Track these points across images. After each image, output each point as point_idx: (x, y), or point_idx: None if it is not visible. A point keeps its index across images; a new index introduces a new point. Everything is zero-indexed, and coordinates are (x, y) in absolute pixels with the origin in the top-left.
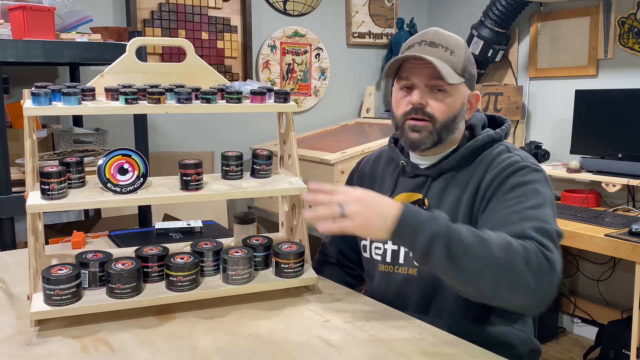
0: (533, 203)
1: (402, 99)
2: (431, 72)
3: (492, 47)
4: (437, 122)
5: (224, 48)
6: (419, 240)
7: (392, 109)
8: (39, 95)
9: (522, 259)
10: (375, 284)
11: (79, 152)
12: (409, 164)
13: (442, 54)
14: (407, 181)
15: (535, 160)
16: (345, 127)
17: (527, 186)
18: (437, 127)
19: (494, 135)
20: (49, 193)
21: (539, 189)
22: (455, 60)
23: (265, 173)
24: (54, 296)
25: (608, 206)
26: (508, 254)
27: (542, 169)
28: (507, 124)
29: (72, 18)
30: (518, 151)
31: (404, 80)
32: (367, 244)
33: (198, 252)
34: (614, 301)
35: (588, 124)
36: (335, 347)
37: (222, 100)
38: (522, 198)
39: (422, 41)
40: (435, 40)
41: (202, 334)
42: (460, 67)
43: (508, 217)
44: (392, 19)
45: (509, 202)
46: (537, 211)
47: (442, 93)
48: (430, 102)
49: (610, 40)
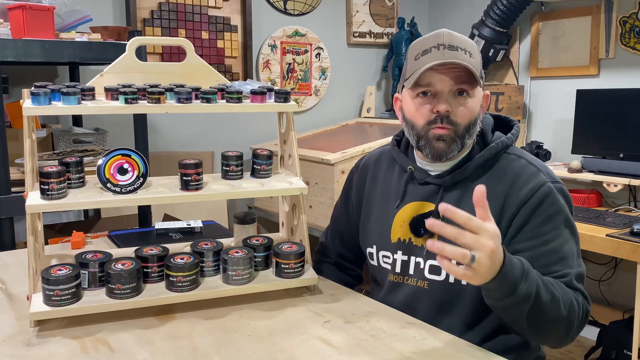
0: (566, 236)
1: (421, 106)
2: (455, 76)
3: (493, 47)
4: (460, 127)
5: (224, 47)
6: (510, 299)
7: (409, 118)
8: (39, 95)
9: (576, 316)
10: (384, 294)
11: (79, 152)
12: (417, 170)
13: (464, 57)
14: (416, 189)
15: (552, 171)
16: (346, 127)
17: (560, 215)
18: (460, 132)
19: (507, 142)
20: (48, 193)
21: (567, 217)
22: (475, 62)
23: (266, 173)
24: (53, 296)
25: (609, 206)
26: (569, 314)
27: (562, 183)
28: (516, 126)
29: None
30: (536, 162)
31: (423, 87)
32: (373, 251)
33: (198, 252)
34: (616, 301)
35: (589, 123)
36: (335, 348)
37: (222, 100)
38: (557, 231)
39: (440, 45)
40: (453, 43)
41: (202, 334)
42: (479, 69)
43: (549, 257)
44: (392, 18)
45: (545, 237)
46: (571, 247)
47: (464, 97)
48: (454, 109)
49: (612, 40)
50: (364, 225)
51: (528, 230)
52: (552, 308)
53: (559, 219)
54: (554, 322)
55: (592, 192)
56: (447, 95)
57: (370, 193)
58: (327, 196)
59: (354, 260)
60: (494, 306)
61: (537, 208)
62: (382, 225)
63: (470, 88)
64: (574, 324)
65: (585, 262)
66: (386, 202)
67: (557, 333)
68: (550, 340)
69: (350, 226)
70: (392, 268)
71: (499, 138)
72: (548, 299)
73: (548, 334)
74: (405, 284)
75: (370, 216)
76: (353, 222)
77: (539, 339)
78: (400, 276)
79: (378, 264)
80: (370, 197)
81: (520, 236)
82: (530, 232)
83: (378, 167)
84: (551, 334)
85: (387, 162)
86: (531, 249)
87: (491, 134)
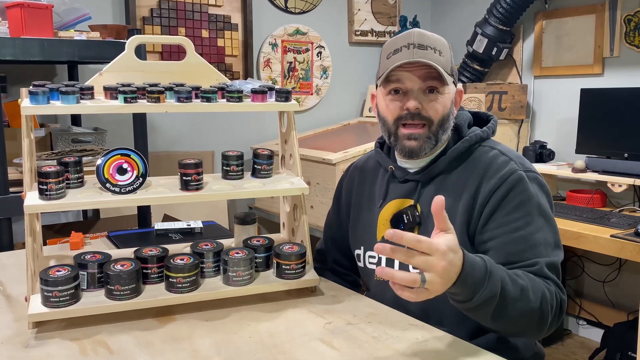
0: (539, 224)
1: (392, 103)
2: (424, 74)
3: (496, 45)
4: (433, 124)
5: (225, 46)
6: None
7: (382, 115)
8: (37, 94)
9: (549, 306)
10: (372, 295)
11: (78, 152)
12: (398, 169)
13: (432, 56)
14: (397, 187)
15: (527, 161)
16: (347, 127)
17: (531, 203)
18: (433, 129)
19: (481, 134)
20: (47, 193)
21: (540, 204)
22: (444, 60)
23: (266, 173)
24: (52, 298)
25: (614, 206)
26: (542, 304)
27: (537, 172)
28: (493, 120)
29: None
30: (510, 153)
31: (394, 84)
32: (360, 253)
33: (198, 253)
34: (620, 303)
35: (594, 123)
36: (337, 350)
37: (223, 99)
38: (528, 218)
39: (410, 44)
40: (423, 42)
41: (202, 336)
42: (449, 67)
43: (519, 244)
44: (394, 16)
45: (515, 224)
46: (544, 236)
47: (435, 94)
48: (425, 105)
49: (616, 38)
50: (353, 229)
51: (498, 217)
52: (522, 302)
53: (530, 206)
54: (525, 315)
55: (597, 192)
56: (417, 92)
57: (358, 197)
58: (329, 196)
59: (350, 266)
60: (459, 308)
61: (506, 195)
62: (369, 226)
63: (440, 85)
64: (548, 314)
65: (590, 263)
66: (372, 204)
67: (530, 325)
68: (525, 333)
69: (343, 231)
70: None
71: (473, 132)
72: (516, 294)
73: (521, 328)
74: None
75: (359, 219)
76: (345, 227)
77: (513, 334)
78: None
79: (364, 266)
80: (358, 201)
81: (491, 224)
82: (500, 220)
83: (365, 170)
84: (524, 328)
85: (373, 165)
86: (500, 236)
87: (467, 129)
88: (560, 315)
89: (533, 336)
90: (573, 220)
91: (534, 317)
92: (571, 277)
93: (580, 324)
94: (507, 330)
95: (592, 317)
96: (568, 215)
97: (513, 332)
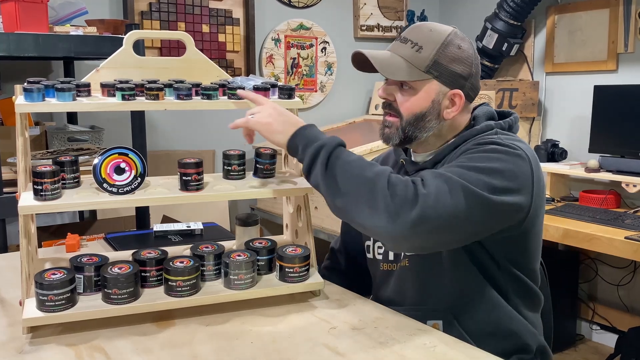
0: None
1: None
2: None
3: (506, 41)
4: (402, 119)
5: (226, 42)
6: (309, 148)
7: None
8: (32, 91)
9: (387, 182)
10: (377, 285)
11: (74, 151)
12: (408, 163)
13: (406, 50)
14: None
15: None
16: (353, 125)
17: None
18: (403, 124)
19: (492, 125)
20: (42, 194)
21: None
22: (421, 56)
23: (269, 172)
24: (47, 302)
25: (628, 207)
26: (377, 176)
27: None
28: (512, 116)
29: (66, 10)
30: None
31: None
32: (370, 244)
33: (198, 255)
34: (635, 307)
35: (607, 121)
36: (342, 355)
37: (224, 96)
38: (471, 164)
39: (399, 36)
40: (408, 35)
41: (202, 341)
42: (426, 64)
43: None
44: (402, 11)
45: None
46: (468, 173)
47: (407, 89)
48: (397, 98)
49: (631, 34)
50: None
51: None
52: (355, 168)
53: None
54: (359, 183)
55: (610, 193)
56: (392, 83)
57: None
58: None
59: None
60: (304, 170)
61: (470, 149)
62: None
63: (409, 79)
64: (386, 193)
65: (603, 266)
66: None
67: (359, 194)
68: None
69: None
70: (385, 257)
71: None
72: (352, 159)
73: (359, 201)
74: (394, 271)
75: None
76: None
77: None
78: (393, 263)
79: (373, 257)
80: None
81: None
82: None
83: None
84: (362, 201)
85: (392, 160)
86: None
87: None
88: (409, 206)
89: (373, 219)
90: (586, 222)
91: (365, 186)
92: (584, 280)
93: (593, 328)
94: (342, 199)
95: (606, 322)
96: (581, 217)
97: (349, 205)
